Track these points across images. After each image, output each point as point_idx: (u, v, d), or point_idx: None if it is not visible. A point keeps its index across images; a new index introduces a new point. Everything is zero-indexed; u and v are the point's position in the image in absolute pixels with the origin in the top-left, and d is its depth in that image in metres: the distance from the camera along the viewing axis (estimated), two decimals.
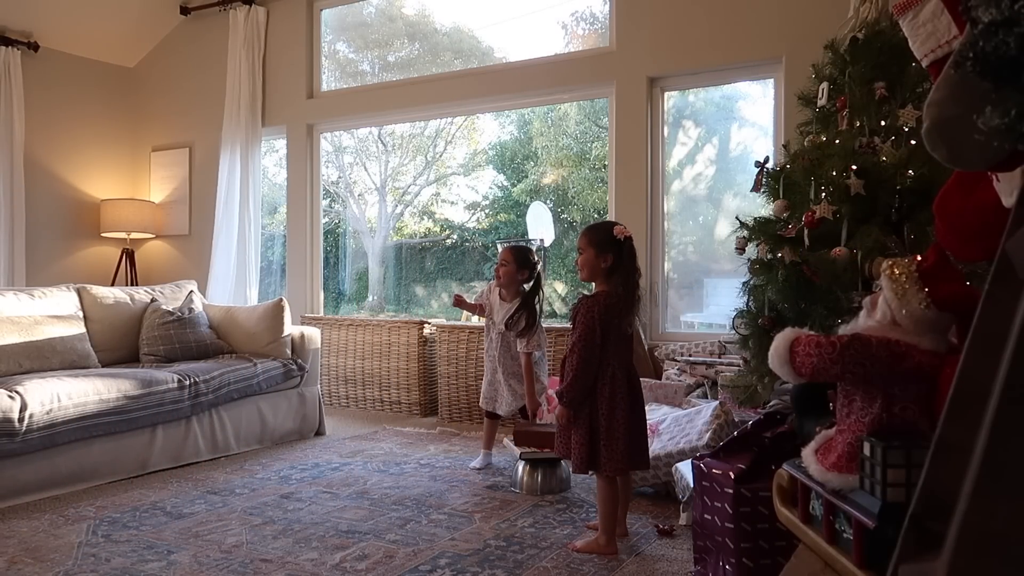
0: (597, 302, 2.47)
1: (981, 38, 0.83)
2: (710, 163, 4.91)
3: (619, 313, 2.47)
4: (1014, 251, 0.91)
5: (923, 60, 1.23)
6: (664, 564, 2.31)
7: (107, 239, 6.08)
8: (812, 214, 2.47)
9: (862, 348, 1.32)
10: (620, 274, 2.50)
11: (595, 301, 2.48)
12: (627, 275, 2.51)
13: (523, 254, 3.50)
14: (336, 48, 6.00)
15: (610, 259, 2.50)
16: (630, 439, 2.42)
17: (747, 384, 2.90)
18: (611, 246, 2.50)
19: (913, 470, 1.20)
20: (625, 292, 2.49)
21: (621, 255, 2.51)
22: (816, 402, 1.74)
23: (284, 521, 2.73)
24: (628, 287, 2.50)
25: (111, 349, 4.00)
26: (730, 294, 3.11)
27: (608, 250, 2.51)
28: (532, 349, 3.39)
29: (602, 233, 2.55)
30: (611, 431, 2.40)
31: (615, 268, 2.50)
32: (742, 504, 1.95)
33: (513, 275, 3.46)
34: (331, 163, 6.42)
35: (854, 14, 2.78)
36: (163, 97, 6.23)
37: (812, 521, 1.45)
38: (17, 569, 2.28)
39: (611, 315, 2.46)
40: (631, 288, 2.51)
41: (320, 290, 5.75)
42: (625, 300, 2.49)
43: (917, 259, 1.37)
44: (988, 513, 0.79)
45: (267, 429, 4.01)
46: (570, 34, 5.39)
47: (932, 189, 2.24)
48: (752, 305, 2.85)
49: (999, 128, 0.85)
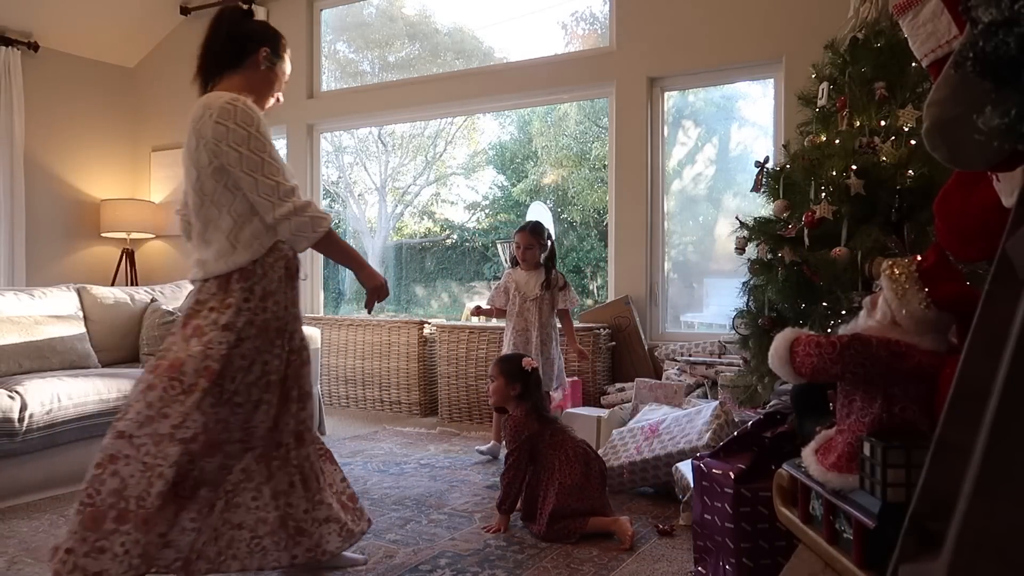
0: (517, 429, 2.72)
1: (981, 38, 0.83)
2: (710, 163, 4.91)
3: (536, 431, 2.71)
4: (1014, 251, 0.91)
5: (923, 60, 1.23)
6: (664, 564, 2.31)
7: (107, 239, 6.08)
8: (812, 214, 2.48)
9: (862, 348, 1.32)
10: (528, 400, 2.77)
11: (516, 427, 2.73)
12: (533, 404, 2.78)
13: (538, 230, 3.76)
14: (336, 48, 6.00)
15: (518, 387, 2.78)
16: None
17: (747, 384, 2.90)
18: (519, 376, 2.79)
19: (913, 470, 1.20)
20: (536, 416, 2.75)
21: (528, 384, 2.79)
22: (816, 402, 1.74)
23: None
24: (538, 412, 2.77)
25: (111, 349, 3.99)
26: (730, 294, 3.12)
27: (517, 379, 2.79)
28: (574, 304, 3.75)
29: (511, 365, 2.85)
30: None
31: (523, 395, 2.78)
32: (742, 504, 1.95)
33: (536, 255, 3.75)
34: (331, 163, 6.42)
35: (854, 14, 2.79)
36: (163, 97, 6.23)
37: (812, 521, 1.45)
38: (17, 569, 2.28)
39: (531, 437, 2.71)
40: (541, 412, 2.80)
41: (320, 290, 5.75)
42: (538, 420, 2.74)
43: (917, 259, 1.37)
44: (988, 513, 0.79)
45: None
46: (570, 34, 5.40)
47: (932, 189, 2.24)
48: (752, 305, 2.86)
49: (999, 128, 0.85)
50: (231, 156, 1.92)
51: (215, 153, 1.92)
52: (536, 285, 3.68)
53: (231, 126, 1.93)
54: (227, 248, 1.94)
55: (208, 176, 1.95)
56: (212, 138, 1.92)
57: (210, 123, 1.93)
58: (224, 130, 1.92)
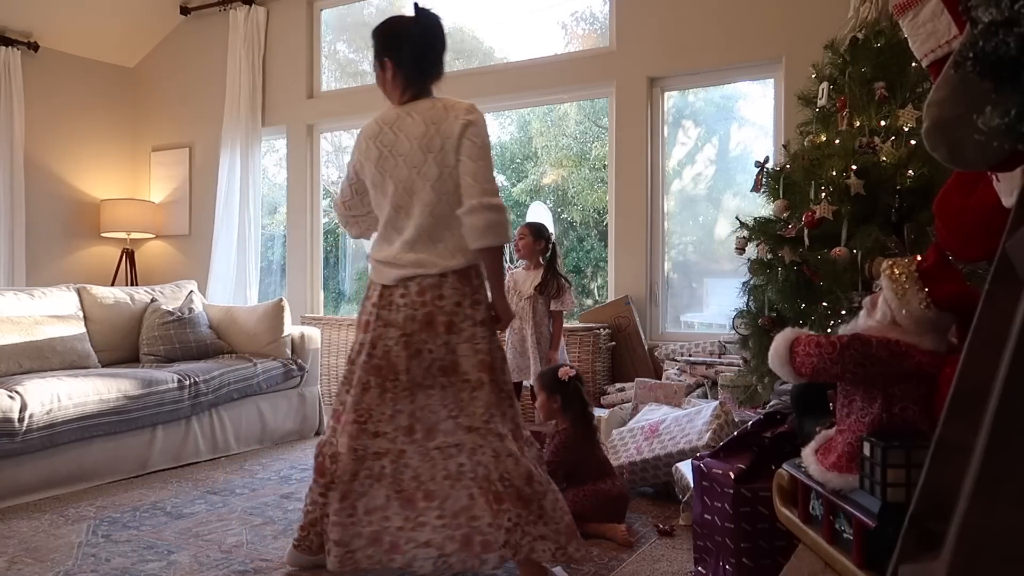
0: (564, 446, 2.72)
1: (981, 38, 0.83)
2: (710, 163, 4.91)
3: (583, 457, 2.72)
4: (1014, 251, 0.91)
5: (923, 60, 1.23)
6: (664, 564, 2.31)
7: (107, 239, 6.08)
8: (812, 214, 2.48)
9: (862, 348, 1.32)
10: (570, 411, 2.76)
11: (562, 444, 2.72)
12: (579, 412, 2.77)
13: (537, 227, 3.84)
14: (336, 48, 6.00)
15: (558, 399, 2.77)
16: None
17: (747, 384, 2.90)
18: (557, 387, 2.77)
19: (913, 470, 1.20)
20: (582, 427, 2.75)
21: (567, 394, 2.77)
22: (816, 402, 1.74)
23: (284, 521, 2.73)
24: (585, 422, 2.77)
25: (111, 349, 4.00)
26: (730, 294, 3.12)
27: (556, 391, 2.78)
28: (568, 308, 3.74)
29: (548, 378, 2.85)
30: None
31: (565, 407, 2.76)
32: (742, 504, 1.95)
33: (531, 246, 3.78)
34: (331, 163, 6.42)
35: (854, 14, 2.78)
36: (163, 97, 6.23)
37: (812, 521, 1.45)
38: (17, 569, 2.28)
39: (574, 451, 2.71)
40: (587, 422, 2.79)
41: (320, 290, 5.75)
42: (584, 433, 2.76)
43: (917, 259, 1.37)
44: (988, 513, 0.79)
45: (267, 429, 4.01)
46: (570, 34, 5.39)
47: (932, 189, 2.24)
48: (752, 305, 2.86)
49: (999, 128, 0.85)
50: (475, 148, 2.07)
51: (461, 148, 2.06)
52: (530, 285, 3.70)
53: (479, 133, 2.07)
54: (462, 245, 2.06)
55: (448, 176, 2.05)
56: (462, 134, 2.05)
57: (458, 125, 2.05)
58: (474, 134, 2.07)
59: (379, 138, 2.12)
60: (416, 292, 2.04)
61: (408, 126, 2.08)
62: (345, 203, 2.31)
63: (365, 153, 2.15)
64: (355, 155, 2.21)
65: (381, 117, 2.16)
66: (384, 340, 2.05)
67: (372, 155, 2.12)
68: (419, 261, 2.05)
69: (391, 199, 2.10)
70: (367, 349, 2.07)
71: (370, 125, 2.18)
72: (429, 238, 2.05)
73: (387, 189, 2.10)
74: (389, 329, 2.05)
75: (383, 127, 2.13)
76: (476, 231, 2.03)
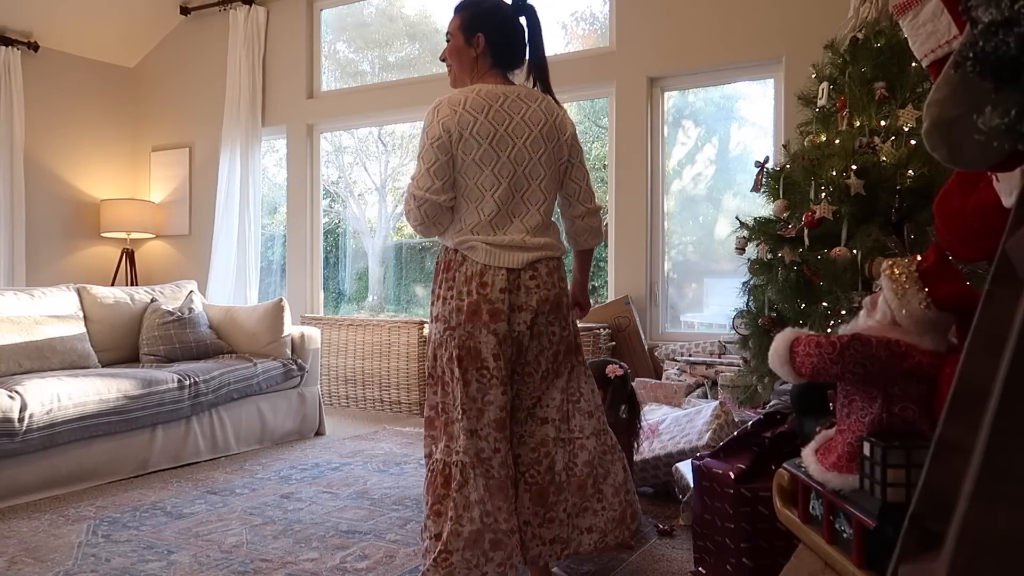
0: None
1: (981, 38, 0.83)
2: (710, 163, 4.90)
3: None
4: (1014, 251, 0.91)
5: (923, 60, 1.23)
6: (664, 564, 2.31)
7: (107, 239, 6.08)
8: (812, 214, 2.48)
9: (862, 348, 1.32)
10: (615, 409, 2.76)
11: None
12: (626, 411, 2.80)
13: None
14: (336, 48, 6.00)
15: (603, 396, 2.73)
16: None
17: (747, 384, 2.90)
18: (603, 383, 2.74)
19: (913, 470, 1.20)
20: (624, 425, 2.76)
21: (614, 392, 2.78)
22: (816, 402, 1.74)
23: (284, 521, 2.73)
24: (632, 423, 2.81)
25: (111, 349, 4.00)
26: (730, 294, 3.12)
27: (601, 387, 2.77)
28: None
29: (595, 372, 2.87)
30: None
31: (610, 405, 2.76)
32: (742, 504, 1.95)
33: None
34: (331, 163, 6.42)
35: (854, 14, 2.78)
36: (163, 97, 6.23)
37: (812, 521, 1.45)
38: (17, 569, 2.28)
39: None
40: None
41: (320, 290, 5.75)
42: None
43: (917, 259, 1.37)
44: (988, 513, 0.79)
45: (267, 429, 4.01)
46: (570, 34, 5.39)
47: (932, 189, 2.25)
48: (752, 305, 2.86)
49: (999, 128, 0.84)
50: (580, 153, 2.13)
51: (572, 149, 2.09)
52: None
53: (578, 139, 2.15)
54: (557, 233, 2.11)
55: (559, 169, 2.09)
56: (572, 135, 2.10)
57: (569, 125, 2.10)
58: (578, 139, 2.13)
59: (489, 115, 1.96)
60: (546, 273, 2.02)
61: (524, 111, 2.01)
62: (445, 189, 1.98)
63: (472, 128, 1.94)
64: (447, 130, 1.94)
65: (483, 93, 1.99)
66: (515, 325, 1.98)
67: (484, 131, 1.95)
68: (548, 244, 2.03)
69: (509, 180, 1.98)
70: (500, 340, 1.93)
71: (471, 98, 1.97)
72: (548, 224, 2.07)
73: (503, 170, 1.97)
74: (521, 313, 1.98)
75: (490, 103, 1.97)
76: (591, 232, 2.17)
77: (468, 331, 1.93)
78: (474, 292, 1.95)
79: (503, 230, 1.98)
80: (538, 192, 2.03)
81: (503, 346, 1.94)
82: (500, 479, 1.91)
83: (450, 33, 2.11)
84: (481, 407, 1.93)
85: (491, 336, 1.92)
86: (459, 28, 2.08)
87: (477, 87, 2.00)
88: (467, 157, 1.96)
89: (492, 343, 1.92)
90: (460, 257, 1.99)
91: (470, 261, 1.97)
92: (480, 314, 1.93)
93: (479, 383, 1.93)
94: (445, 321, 1.98)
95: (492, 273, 1.96)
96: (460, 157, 1.96)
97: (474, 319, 1.93)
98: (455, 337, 1.95)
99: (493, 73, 2.07)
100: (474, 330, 1.93)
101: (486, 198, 1.98)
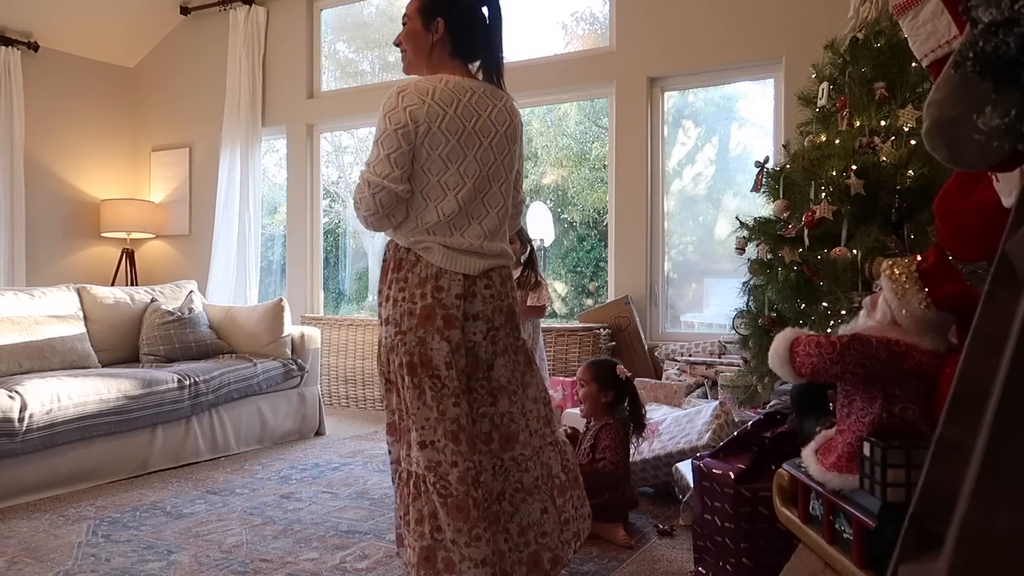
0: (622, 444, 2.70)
1: (981, 38, 0.83)
2: (710, 163, 4.90)
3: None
4: (1014, 251, 0.91)
5: (923, 60, 1.23)
6: (664, 564, 2.31)
7: (107, 239, 6.08)
8: (812, 214, 2.48)
9: (862, 348, 1.32)
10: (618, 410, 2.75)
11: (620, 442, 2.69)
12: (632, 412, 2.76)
13: (520, 231, 3.80)
14: (336, 48, 6.00)
15: (611, 396, 2.74)
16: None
17: (747, 384, 2.90)
18: (613, 383, 2.75)
19: (913, 470, 1.20)
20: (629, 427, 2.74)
21: (622, 393, 2.76)
22: (816, 402, 1.74)
23: (284, 521, 2.73)
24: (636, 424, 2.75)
25: (111, 349, 4.00)
26: (730, 294, 3.12)
27: (611, 387, 2.75)
28: (543, 302, 3.69)
29: (605, 371, 2.79)
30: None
31: (614, 404, 2.75)
32: (742, 504, 1.95)
33: (517, 252, 3.75)
34: (331, 163, 6.42)
35: (854, 14, 2.78)
36: (163, 97, 6.23)
37: (812, 521, 1.45)
38: (17, 569, 2.28)
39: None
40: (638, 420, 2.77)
41: (320, 290, 5.75)
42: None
43: (917, 259, 1.37)
44: (988, 513, 0.79)
45: (267, 429, 4.01)
46: (570, 34, 5.39)
47: (932, 189, 2.24)
48: (752, 305, 2.86)
49: (999, 128, 0.85)
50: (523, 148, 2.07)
51: (521, 149, 2.05)
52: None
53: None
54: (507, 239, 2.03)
55: (516, 170, 2.02)
56: (522, 135, 2.05)
57: (520, 121, 2.04)
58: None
59: (458, 110, 1.84)
60: (500, 282, 1.93)
61: (490, 109, 1.91)
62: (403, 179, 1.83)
63: (441, 121, 1.82)
64: (415, 120, 1.81)
65: (451, 85, 1.86)
66: (469, 334, 1.86)
67: (453, 127, 1.83)
68: (503, 252, 1.94)
69: (474, 181, 1.87)
70: (452, 348, 1.81)
71: (439, 89, 1.84)
72: (503, 229, 1.97)
73: (468, 169, 1.86)
74: (476, 322, 1.86)
75: (459, 97, 1.85)
76: (514, 219, 2.10)
77: (419, 336, 1.80)
78: (428, 296, 1.82)
79: (460, 232, 1.86)
80: (498, 195, 1.93)
81: (456, 355, 1.81)
82: (459, 497, 1.75)
83: (407, 16, 1.97)
84: (437, 417, 1.79)
85: (444, 343, 1.80)
86: (417, 11, 1.95)
87: (444, 78, 1.87)
88: (433, 152, 1.83)
89: (445, 350, 1.79)
90: (413, 257, 1.86)
91: (424, 262, 1.84)
92: (433, 319, 1.80)
93: (433, 392, 1.79)
94: (396, 325, 1.84)
95: (448, 278, 1.84)
96: (425, 151, 1.82)
97: (426, 324, 1.80)
98: (405, 342, 1.82)
99: (452, 64, 1.94)
100: (426, 336, 1.80)
101: (448, 197, 1.85)
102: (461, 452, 1.78)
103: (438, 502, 1.77)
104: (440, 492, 1.77)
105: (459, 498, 1.76)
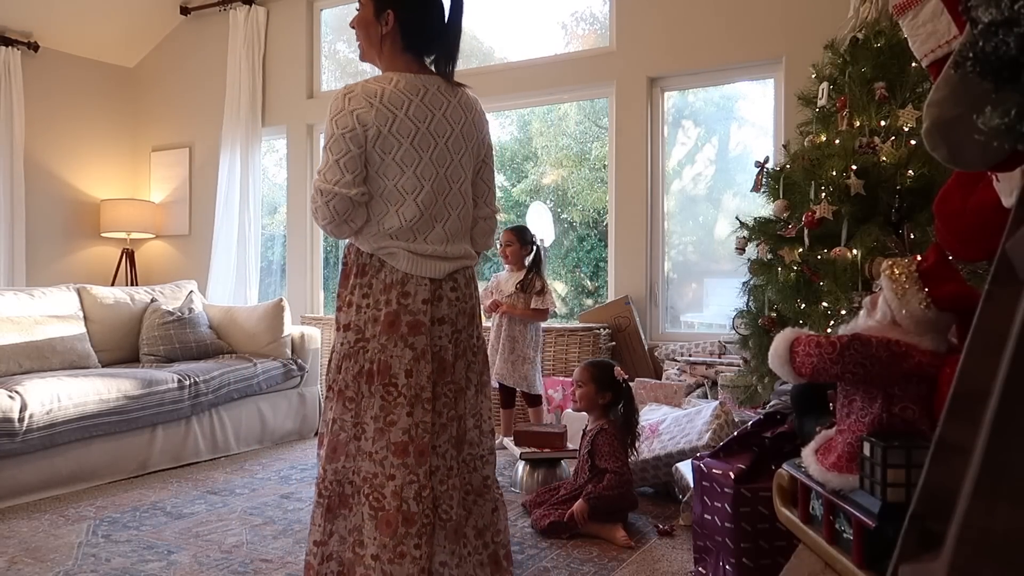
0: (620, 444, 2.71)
1: (981, 38, 0.83)
2: (710, 163, 4.91)
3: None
4: (1014, 251, 0.91)
5: (923, 60, 1.23)
6: (664, 564, 2.31)
7: (107, 239, 6.08)
8: (812, 214, 2.48)
9: (862, 348, 1.32)
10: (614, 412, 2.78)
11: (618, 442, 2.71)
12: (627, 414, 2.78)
13: (521, 232, 3.95)
14: (336, 48, 6.00)
15: (608, 397, 2.77)
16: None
17: (747, 384, 2.90)
18: (611, 385, 2.78)
19: (913, 470, 1.20)
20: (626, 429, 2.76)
21: (618, 395, 2.79)
22: (816, 402, 1.74)
23: (284, 521, 2.73)
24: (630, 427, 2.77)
25: (111, 349, 4.00)
26: (730, 294, 3.12)
27: (608, 388, 2.78)
28: (548, 306, 3.79)
29: (603, 372, 2.81)
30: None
31: (611, 406, 2.78)
32: (742, 504, 1.95)
33: (518, 253, 3.89)
34: None
35: (854, 14, 2.79)
36: (163, 97, 6.23)
37: (812, 521, 1.45)
38: (17, 569, 2.28)
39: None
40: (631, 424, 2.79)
41: (320, 290, 5.74)
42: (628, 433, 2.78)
43: (917, 259, 1.37)
44: (988, 513, 0.79)
45: (267, 429, 4.01)
46: (570, 34, 5.39)
47: (932, 189, 2.25)
48: (752, 305, 2.86)
49: (999, 128, 0.84)
50: (492, 152, 1.99)
51: (487, 149, 1.97)
52: (512, 285, 3.81)
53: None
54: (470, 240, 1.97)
55: (475, 171, 1.95)
56: (487, 132, 1.97)
57: (485, 122, 1.96)
58: (488, 127, 1.98)
59: (410, 111, 1.78)
60: (464, 284, 1.90)
61: (444, 106, 1.83)
62: (356, 183, 1.77)
63: (391, 125, 1.76)
64: (363, 123, 1.75)
65: (401, 85, 1.79)
66: (436, 339, 1.82)
67: (404, 129, 1.77)
68: (466, 253, 1.90)
69: (432, 183, 1.81)
70: (417, 355, 1.77)
71: (388, 91, 1.77)
72: (463, 231, 1.91)
73: (425, 172, 1.80)
74: (443, 326, 1.83)
75: (410, 98, 1.78)
76: (487, 236, 2.01)
77: (382, 344, 1.76)
78: (394, 302, 1.77)
79: (424, 236, 1.81)
80: (458, 196, 1.87)
81: (420, 362, 1.76)
82: (389, 511, 1.70)
83: (360, 1, 1.88)
84: (383, 428, 1.74)
85: (407, 350, 1.75)
86: (371, 4, 1.86)
87: (393, 78, 1.80)
88: (386, 156, 1.77)
89: (407, 358, 1.75)
90: (377, 262, 1.81)
91: (389, 268, 1.80)
92: (398, 326, 1.76)
93: (384, 402, 1.75)
94: (358, 331, 1.80)
95: (415, 283, 1.79)
96: (377, 156, 1.77)
97: (391, 331, 1.76)
98: (368, 350, 1.78)
99: (406, 58, 1.85)
100: (388, 343, 1.76)
101: (407, 201, 1.79)
102: (406, 465, 1.73)
103: (367, 515, 1.73)
104: (372, 505, 1.73)
105: (390, 512, 1.71)
